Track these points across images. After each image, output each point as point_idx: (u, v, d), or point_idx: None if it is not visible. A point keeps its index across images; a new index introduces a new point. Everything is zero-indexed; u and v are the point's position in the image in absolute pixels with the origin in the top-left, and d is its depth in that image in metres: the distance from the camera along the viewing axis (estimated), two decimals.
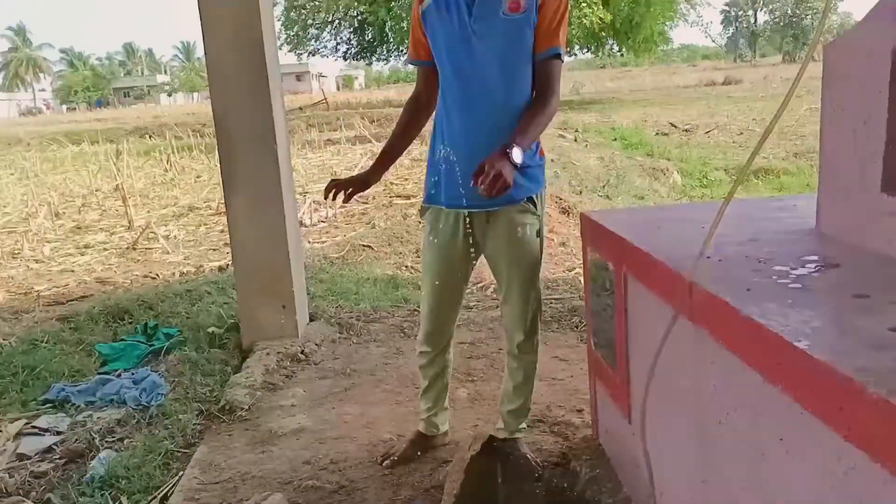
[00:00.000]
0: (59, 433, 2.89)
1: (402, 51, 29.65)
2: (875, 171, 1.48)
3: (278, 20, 27.61)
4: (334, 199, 2.26)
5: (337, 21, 28.45)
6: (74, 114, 55.90)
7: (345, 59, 32.33)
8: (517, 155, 1.84)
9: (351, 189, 2.26)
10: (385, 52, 30.48)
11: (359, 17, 27.87)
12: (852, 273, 1.39)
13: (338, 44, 29.88)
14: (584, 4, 19.26)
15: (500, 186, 1.76)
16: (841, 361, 0.96)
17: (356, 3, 26.09)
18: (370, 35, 29.18)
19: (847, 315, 1.19)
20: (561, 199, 7.14)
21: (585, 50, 29.38)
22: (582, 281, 2.86)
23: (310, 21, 27.88)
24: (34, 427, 2.94)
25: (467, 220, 2.14)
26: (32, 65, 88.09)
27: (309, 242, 5.94)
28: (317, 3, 27.01)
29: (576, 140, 14.05)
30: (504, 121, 2.01)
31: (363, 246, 5.64)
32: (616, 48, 29.17)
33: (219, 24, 3.39)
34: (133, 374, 3.38)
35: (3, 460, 2.71)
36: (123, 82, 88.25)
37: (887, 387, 0.87)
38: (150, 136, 20.19)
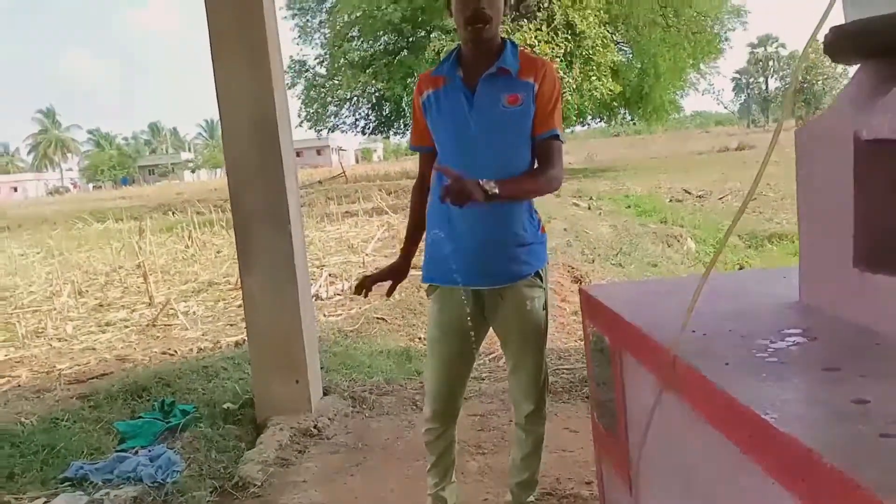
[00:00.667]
0: None
1: None
2: (846, 246, 1.56)
3: (298, 98, 28.53)
4: (366, 296, 2.39)
5: (355, 98, 29.30)
6: (100, 192, 57.44)
7: (363, 133, 33.16)
8: (490, 185, 1.95)
9: (391, 282, 2.40)
10: (402, 126, 31.25)
11: (376, 94, 28.72)
12: (827, 346, 1.45)
13: (356, 119, 30.69)
14: (593, 77, 19.72)
15: (461, 196, 1.88)
16: (804, 433, 1.03)
17: (373, 81, 26.92)
18: (387, 110, 30.01)
19: (817, 388, 1.25)
20: (573, 267, 7.22)
21: (598, 119, 29.94)
22: None
23: (329, 98, 28.74)
24: None
25: (477, 296, 2.23)
26: (60, 146, 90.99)
27: (324, 316, 6.04)
28: (336, 81, 27.89)
29: (589, 208, 14.22)
30: (498, 207, 2.11)
31: (377, 318, 5.73)
32: (628, 117, 29.72)
33: (234, 106, 3.58)
34: (150, 451, 3.43)
35: None
36: (148, 160, 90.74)
37: (841, 458, 0.93)
38: (172, 213, 20.67)
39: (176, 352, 5.35)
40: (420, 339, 5.29)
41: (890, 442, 0.98)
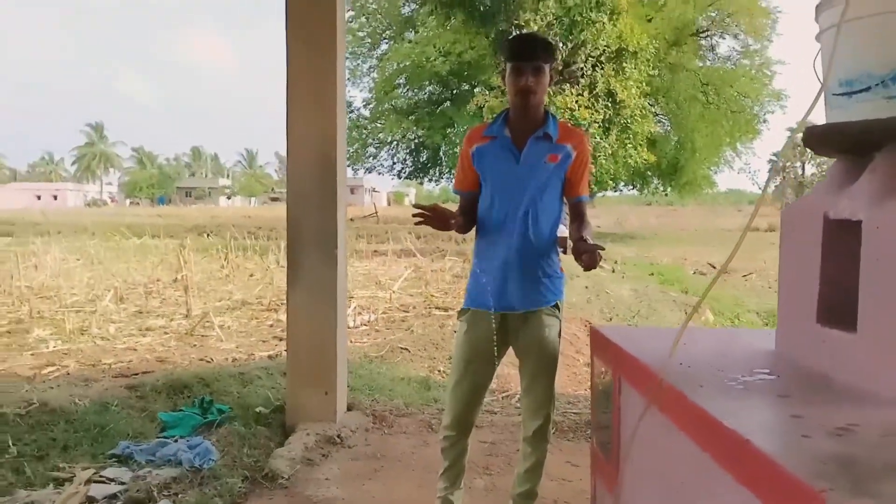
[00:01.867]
0: (122, 483, 3.28)
1: (453, 173, 31.01)
2: (813, 306, 1.89)
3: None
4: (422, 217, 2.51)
5: (395, 142, 30.10)
6: (137, 208, 58.75)
7: (399, 177, 33.91)
8: (590, 241, 2.44)
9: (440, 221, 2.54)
10: (437, 174, 31.95)
11: (416, 140, 29.50)
12: (786, 381, 1.78)
13: (394, 163, 31.44)
14: (629, 146, 20.20)
15: (596, 260, 2.34)
16: (747, 432, 1.36)
17: (415, 127, 27.69)
18: (425, 157, 30.75)
19: (767, 406, 1.59)
20: (590, 323, 7.51)
21: (631, 187, 30.34)
22: None
23: (370, 140, 29.55)
24: (102, 476, 3.34)
25: (503, 321, 2.60)
26: (104, 160, 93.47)
27: (351, 342, 6.39)
28: (378, 124, 28.71)
29: (613, 271, 14.50)
30: (531, 243, 2.52)
31: (401, 348, 6.08)
32: (661, 187, 30.09)
33: (302, 143, 4.02)
34: (188, 440, 3.78)
35: (75, 501, 3.10)
36: (187, 182, 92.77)
37: (769, 447, 1.26)
38: (207, 235, 21.30)
39: (212, 359, 5.72)
40: (440, 371, 5.61)
41: (808, 441, 1.31)
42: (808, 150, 2.23)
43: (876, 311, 1.63)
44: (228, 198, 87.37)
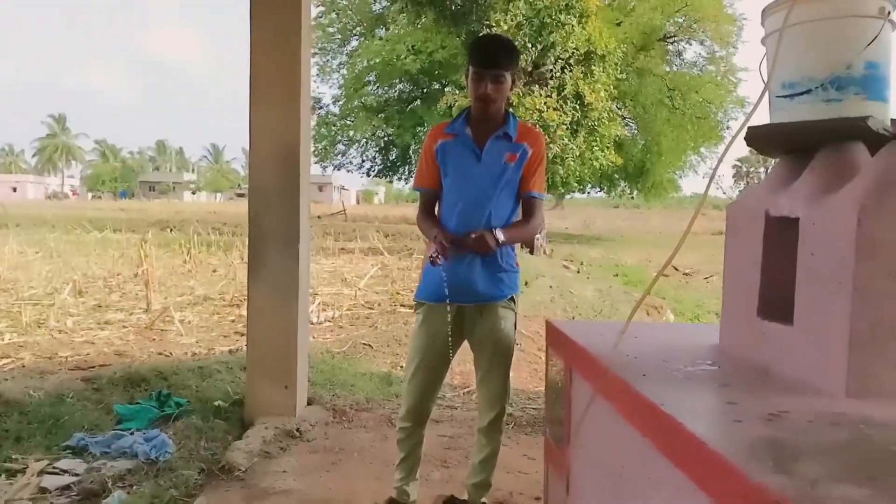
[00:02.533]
0: (76, 475, 3.25)
1: None
2: (754, 300, 1.96)
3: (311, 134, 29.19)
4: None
5: (364, 140, 29.98)
6: (99, 202, 57.75)
7: (368, 175, 33.78)
8: (500, 234, 2.51)
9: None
10: (406, 172, 31.90)
11: (385, 138, 29.42)
12: (726, 372, 1.85)
13: (363, 161, 31.32)
14: (595, 148, 20.40)
15: (481, 244, 2.42)
16: (682, 416, 1.41)
17: (384, 126, 27.63)
18: (394, 155, 30.67)
19: (705, 394, 1.65)
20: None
21: (599, 189, 30.64)
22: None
23: (339, 137, 29.40)
24: (55, 468, 3.31)
25: (458, 313, 2.64)
26: (66, 152, 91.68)
27: (314, 338, 6.38)
28: (348, 122, 28.60)
29: (578, 272, 14.65)
30: None
31: (364, 344, 6.09)
32: (628, 190, 30.43)
33: (265, 137, 4.01)
34: (144, 433, 3.75)
35: (27, 492, 3.07)
36: (151, 177, 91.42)
37: (702, 430, 1.31)
38: (170, 230, 21.04)
39: (171, 353, 5.67)
40: (402, 367, 5.63)
41: (739, 425, 1.37)
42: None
43: (810, 305, 1.69)
44: (193, 193, 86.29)
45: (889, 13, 1.81)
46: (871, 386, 1.52)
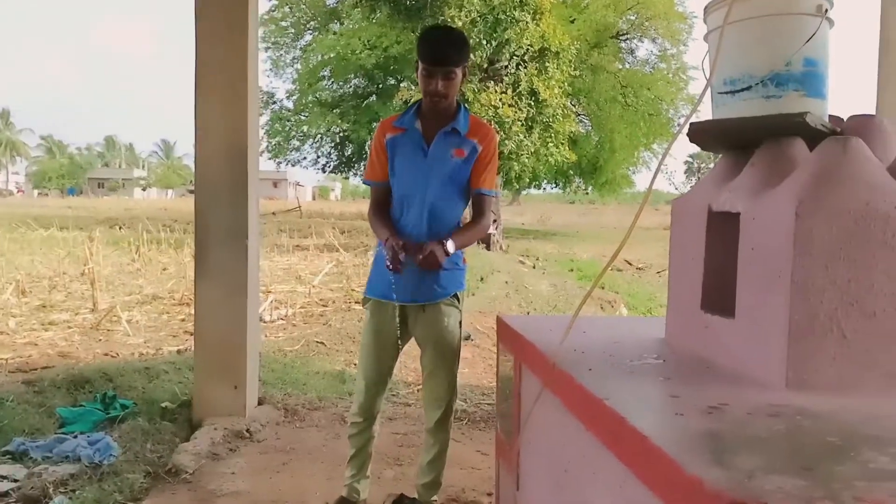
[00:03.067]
0: (15, 481, 3.15)
1: None
2: (697, 293, 1.98)
3: (262, 128, 28.80)
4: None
5: (319, 135, 29.69)
6: (46, 199, 56.10)
7: (324, 171, 33.48)
8: (451, 245, 2.45)
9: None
10: (362, 169, 31.69)
11: (340, 134, 29.19)
12: (671, 366, 1.86)
13: (318, 157, 31.02)
14: (550, 144, 20.55)
15: (431, 262, 2.35)
16: (625, 410, 1.41)
17: (340, 121, 27.40)
18: (350, 151, 30.46)
19: (649, 387, 1.65)
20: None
21: (554, 185, 30.91)
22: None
23: (293, 133, 29.06)
24: None
25: (402, 311, 2.61)
26: (11, 147, 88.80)
27: (266, 336, 6.29)
28: (302, 117, 28.30)
29: (534, 267, 14.77)
30: (435, 236, 2.53)
31: (317, 342, 6.02)
32: (583, 186, 30.75)
33: (210, 134, 3.92)
34: (88, 436, 3.65)
35: None
36: (99, 173, 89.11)
37: (643, 424, 1.32)
38: (119, 227, 20.56)
39: (118, 354, 5.53)
40: (356, 364, 5.57)
41: (681, 418, 1.38)
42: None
43: (751, 298, 1.72)
44: (144, 189, 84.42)
45: (826, 11, 1.84)
46: (810, 378, 1.55)
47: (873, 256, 1.55)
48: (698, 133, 1.95)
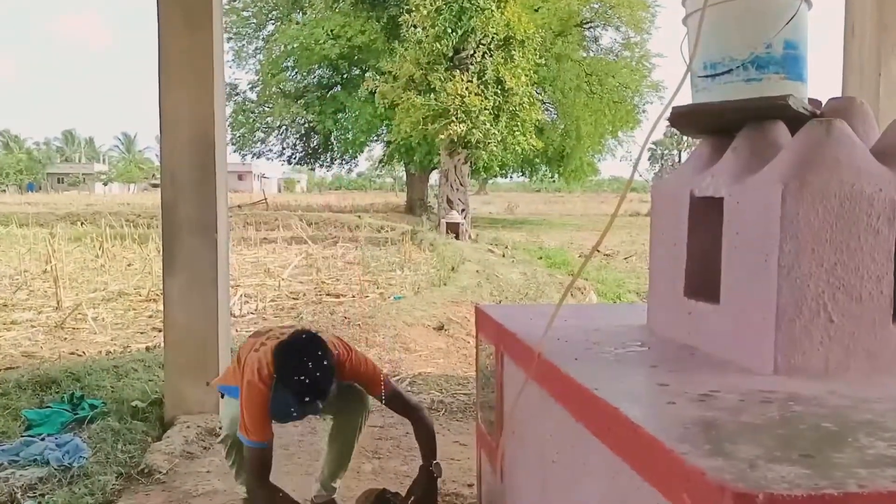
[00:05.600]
0: None
1: (345, 159, 30.83)
2: (680, 280, 1.97)
3: (226, 120, 28.39)
4: None
5: (284, 127, 29.38)
6: (3, 196, 54.64)
7: (289, 163, 33.15)
8: (438, 467, 2.71)
9: None
10: (329, 160, 31.47)
11: (305, 125, 28.91)
12: (656, 353, 1.85)
13: (283, 148, 30.71)
14: (517, 133, 20.57)
15: None
16: (616, 400, 1.39)
17: (304, 112, 27.14)
18: (315, 142, 30.20)
19: (637, 376, 1.64)
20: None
21: (521, 174, 31.01)
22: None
23: (257, 125, 28.72)
24: None
25: None
26: None
27: (237, 331, 6.19)
28: (266, 108, 27.97)
29: (503, 255, 14.78)
30: None
31: None
32: (549, 174, 30.90)
33: (177, 124, 3.83)
34: (56, 438, 3.54)
35: None
36: (59, 168, 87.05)
37: (636, 414, 1.30)
38: (81, 223, 20.12)
39: (84, 353, 5.40)
40: None
41: (672, 407, 1.36)
42: (686, 138, 2.35)
43: (736, 284, 1.71)
44: (105, 184, 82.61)
45: None
46: (798, 363, 1.54)
47: (859, 239, 1.55)
48: (679, 118, 1.93)
